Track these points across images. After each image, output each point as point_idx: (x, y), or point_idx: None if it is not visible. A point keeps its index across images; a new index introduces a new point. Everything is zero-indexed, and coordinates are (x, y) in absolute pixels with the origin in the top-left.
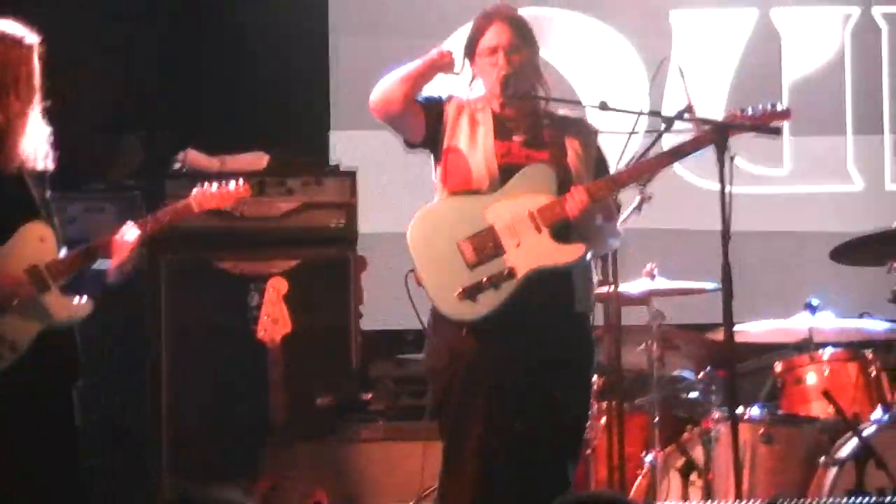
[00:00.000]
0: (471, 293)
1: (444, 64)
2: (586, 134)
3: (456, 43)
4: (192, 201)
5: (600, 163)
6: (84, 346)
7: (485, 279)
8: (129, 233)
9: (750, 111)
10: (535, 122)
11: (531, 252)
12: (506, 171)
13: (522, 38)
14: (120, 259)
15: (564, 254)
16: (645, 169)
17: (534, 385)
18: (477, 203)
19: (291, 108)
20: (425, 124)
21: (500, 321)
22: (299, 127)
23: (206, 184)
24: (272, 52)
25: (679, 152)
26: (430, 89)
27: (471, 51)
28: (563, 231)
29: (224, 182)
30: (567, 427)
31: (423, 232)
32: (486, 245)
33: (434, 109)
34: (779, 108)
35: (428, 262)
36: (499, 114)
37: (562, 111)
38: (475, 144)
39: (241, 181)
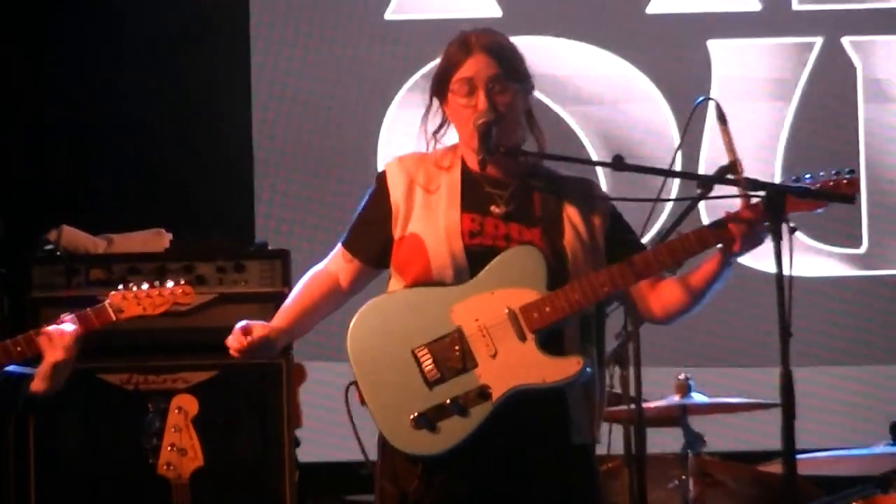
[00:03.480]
0: (429, 420)
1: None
2: (593, 203)
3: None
4: (108, 307)
5: (621, 241)
6: None
7: (448, 400)
8: (67, 325)
9: (808, 178)
10: (524, 187)
11: (511, 366)
12: (476, 257)
13: (511, 71)
14: (54, 358)
15: (556, 369)
16: (671, 255)
17: None
18: (441, 298)
19: (203, 174)
20: (375, 260)
21: (469, 458)
22: (214, 198)
23: (130, 284)
24: (179, 108)
25: (721, 234)
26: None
27: (441, 86)
28: (554, 338)
29: (157, 282)
30: None
31: (368, 334)
32: (452, 355)
33: (374, 237)
34: (844, 174)
35: (373, 375)
36: (474, 174)
37: (567, 172)
38: (433, 220)
39: (182, 281)
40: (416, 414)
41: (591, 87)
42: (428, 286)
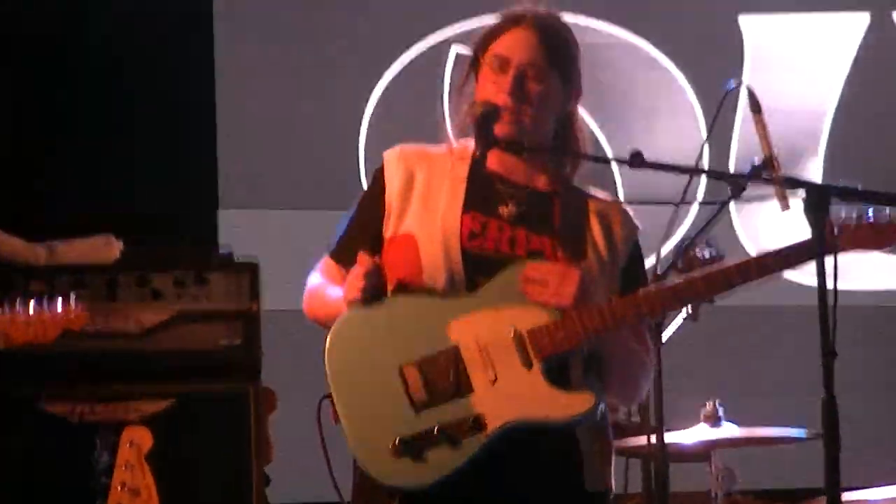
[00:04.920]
0: (412, 448)
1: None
2: (620, 229)
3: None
4: None
5: (632, 275)
6: None
7: (436, 428)
8: None
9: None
10: (543, 192)
11: (512, 396)
12: (473, 261)
13: (557, 61)
14: None
15: (564, 405)
16: (707, 288)
17: None
18: (439, 309)
19: (161, 169)
20: None
21: (456, 497)
22: (173, 202)
23: (17, 305)
24: (135, 94)
25: (773, 264)
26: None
27: (478, 55)
28: (563, 368)
29: (45, 302)
30: None
31: (351, 343)
32: (445, 376)
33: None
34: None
35: (352, 390)
36: (486, 169)
37: (597, 191)
38: (431, 218)
39: (72, 300)
40: (398, 440)
41: (602, 71)
42: (424, 295)
